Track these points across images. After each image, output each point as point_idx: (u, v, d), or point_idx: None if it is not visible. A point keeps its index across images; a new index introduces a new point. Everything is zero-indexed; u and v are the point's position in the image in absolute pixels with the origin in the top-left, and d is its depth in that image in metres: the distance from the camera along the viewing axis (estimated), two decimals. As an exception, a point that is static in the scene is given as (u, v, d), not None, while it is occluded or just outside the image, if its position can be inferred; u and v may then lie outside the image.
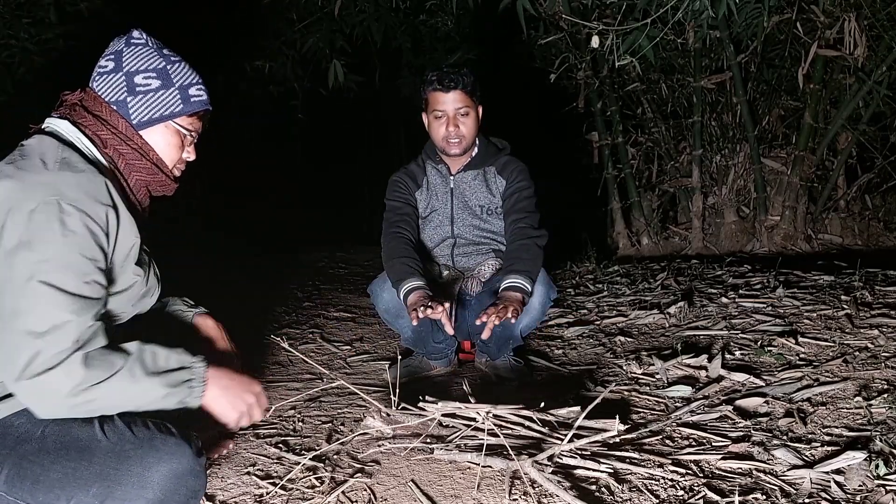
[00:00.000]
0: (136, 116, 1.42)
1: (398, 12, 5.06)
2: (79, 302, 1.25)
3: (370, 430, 1.83)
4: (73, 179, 1.30)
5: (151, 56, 1.43)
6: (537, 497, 1.47)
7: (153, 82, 1.42)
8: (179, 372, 1.34)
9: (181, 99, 1.45)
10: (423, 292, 2.09)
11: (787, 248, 4.28)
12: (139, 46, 1.43)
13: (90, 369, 1.23)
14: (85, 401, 1.23)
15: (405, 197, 2.40)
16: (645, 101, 4.71)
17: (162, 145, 1.46)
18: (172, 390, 1.31)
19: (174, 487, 1.24)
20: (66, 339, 1.22)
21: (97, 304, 1.30)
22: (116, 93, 1.41)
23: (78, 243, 1.26)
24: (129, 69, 1.41)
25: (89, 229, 1.28)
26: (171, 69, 1.44)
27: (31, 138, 1.38)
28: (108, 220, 1.33)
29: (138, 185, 1.46)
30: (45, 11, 4.41)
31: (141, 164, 1.44)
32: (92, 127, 1.40)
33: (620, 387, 2.15)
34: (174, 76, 1.44)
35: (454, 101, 2.26)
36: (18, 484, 1.24)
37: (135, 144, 1.43)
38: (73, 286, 1.25)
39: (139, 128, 1.43)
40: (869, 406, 1.79)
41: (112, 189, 1.35)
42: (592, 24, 3.30)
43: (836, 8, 3.79)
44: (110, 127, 1.41)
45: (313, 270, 4.32)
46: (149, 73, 1.42)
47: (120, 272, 1.40)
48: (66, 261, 1.25)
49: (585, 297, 3.27)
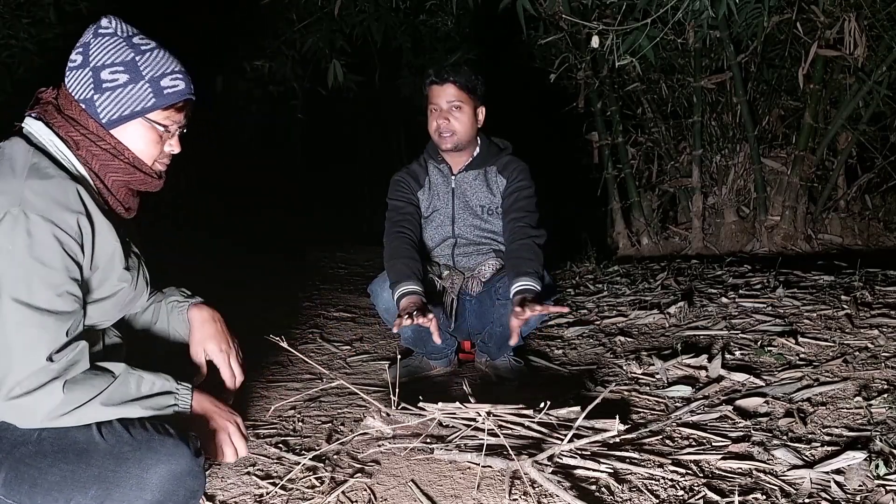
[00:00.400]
0: (104, 115, 1.35)
1: (398, 12, 5.06)
2: (51, 317, 1.22)
3: (370, 430, 1.83)
4: (41, 187, 1.24)
5: (119, 47, 1.34)
6: (537, 497, 1.47)
7: (120, 77, 1.33)
8: (164, 397, 1.35)
9: (152, 92, 1.35)
10: (416, 297, 2.08)
11: (787, 248, 4.28)
12: (106, 37, 1.35)
13: (70, 393, 1.22)
14: (64, 420, 1.23)
15: (407, 196, 2.40)
16: (645, 101, 4.70)
17: (137, 143, 1.38)
18: (156, 412, 1.32)
19: (173, 488, 1.24)
20: (38, 357, 1.20)
21: (71, 317, 1.27)
22: (84, 90, 1.34)
23: (46, 255, 1.22)
24: (96, 63, 1.33)
25: (58, 239, 1.24)
26: (140, 60, 1.34)
27: (7, 140, 1.33)
28: (81, 228, 1.28)
29: (116, 185, 1.39)
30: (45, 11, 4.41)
31: (116, 164, 1.37)
32: (64, 128, 1.34)
33: (620, 387, 2.15)
34: (144, 68, 1.34)
35: (447, 94, 2.26)
36: (16, 487, 1.23)
37: (107, 144, 1.36)
38: (44, 300, 1.22)
39: (109, 126, 1.36)
40: (869, 406, 1.79)
41: (84, 195, 1.30)
42: (592, 24, 3.31)
43: (836, 8, 3.79)
44: (80, 127, 1.34)
45: (313, 270, 4.31)
46: (115, 68, 1.33)
47: (102, 279, 1.37)
48: (35, 274, 1.21)
49: (585, 297, 3.27)
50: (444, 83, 2.26)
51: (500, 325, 2.26)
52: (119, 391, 1.28)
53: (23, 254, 1.21)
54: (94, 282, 1.36)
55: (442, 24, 5.24)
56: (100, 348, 1.46)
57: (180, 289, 1.69)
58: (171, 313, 1.63)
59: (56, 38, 4.46)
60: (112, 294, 1.40)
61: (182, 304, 1.63)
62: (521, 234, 2.25)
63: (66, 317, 1.26)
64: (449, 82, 2.26)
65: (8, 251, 1.20)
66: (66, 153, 1.34)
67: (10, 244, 1.20)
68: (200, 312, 1.63)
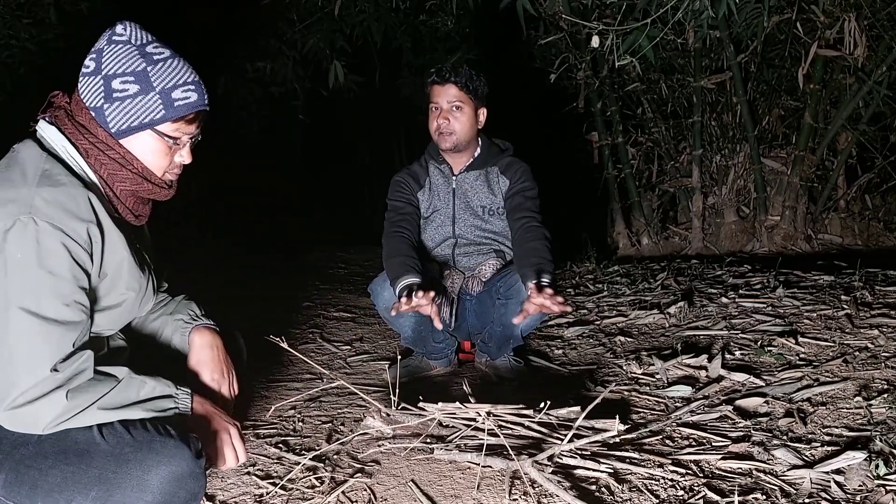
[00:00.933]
0: (113, 125, 1.33)
1: (398, 12, 5.06)
2: (58, 328, 1.22)
3: (370, 430, 1.83)
4: (51, 195, 1.23)
5: (131, 56, 1.32)
6: (537, 497, 1.47)
7: (131, 87, 1.31)
8: (164, 400, 1.36)
9: (163, 105, 1.33)
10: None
11: (787, 248, 4.28)
12: (119, 45, 1.33)
13: (73, 401, 1.23)
14: (66, 425, 1.24)
15: (407, 197, 2.40)
16: (645, 101, 4.71)
17: (146, 154, 1.36)
18: (156, 414, 1.33)
19: (173, 490, 1.23)
20: (42, 367, 1.20)
21: (78, 327, 1.26)
22: (95, 98, 1.32)
23: (55, 264, 1.22)
24: (108, 72, 1.31)
25: (67, 248, 1.23)
26: (151, 71, 1.32)
27: (21, 143, 1.33)
28: (91, 237, 1.27)
29: (125, 194, 1.38)
30: (45, 11, 4.42)
31: (124, 174, 1.36)
32: (74, 135, 1.33)
33: (620, 387, 2.15)
34: (155, 79, 1.32)
35: (448, 94, 2.27)
36: (17, 489, 1.23)
37: (115, 154, 1.34)
38: (52, 310, 1.22)
39: (118, 136, 1.34)
40: (869, 406, 1.79)
41: (95, 202, 1.29)
42: (592, 24, 3.31)
43: (836, 8, 3.79)
44: (90, 136, 1.33)
45: (313, 270, 4.32)
46: (126, 77, 1.31)
47: (109, 288, 1.36)
48: (43, 284, 1.21)
49: (585, 297, 3.27)
50: (445, 83, 2.26)
51: (500, 325, 2.26)
52: (121, 396, 1.29)
53: (31, 263, 1.20)
54: (102, 290, 1.36)
55: (442, 24, 5.25)
56: (104, 352, 1.46)
57: (191, 305, 1.66)
58: (174, 332, 1.62)
59: (56, 39, 4.47)
60: (119, 303, 1.40)
61: (186, 325, 1.62)
62: (536, 233, 2.22)
63: (73, 327, 1.25)
64: (450, 82, 2.26)
65: (17, 260, 1.20)
66: (78, 160, 1.33)
67: (20, 252, 1.20)
68: (201, 337, 1.61)
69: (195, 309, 1.66)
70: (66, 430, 1.25)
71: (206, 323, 1.64)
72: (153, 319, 1.64)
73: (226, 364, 1.63)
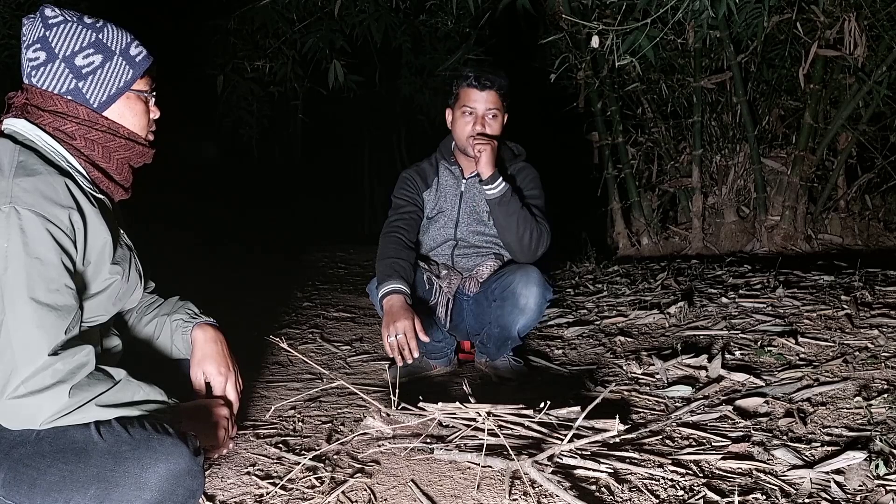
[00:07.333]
0: (94, 99, 1.36)
1: (398, 12, 5.06)
2: (51, 313, 1.22)
3: (370, 430, 1.83)
4: (29, 183, 1.24)
5: (79, 31, 1.35)
6: (537, 497, 1.47)
7: (95, 59, 1.35)
8: (158, 406, 1.36)
9: (128, 64, 1.38)
10: (399, 297, 2.09)
11: (787, 248, 4.28)
12: (61, 25, 1.35)
13: (75, 397, 1.23)
14: (63, 421, 1.23)
15: (411, 196, 2.39)
16: (645, 101, 4.71)
17: (129, 117, 1.41)
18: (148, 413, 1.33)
19: (172, 488, 1.23)
20: (40, 353, 1.20)
21: (70, 311, 1.26)
22: (65, 82, 1.34)
23: (41, 250, 1.22)
24: (65, 53, 1.34)
25: (52, 234, 1.24)
26: (103, 38, 1.36)
27: None
28: (73, 224, 1.28)
29: (120, 164, 1.42)
30: (45, 12, 4.40)
31: (116, 143, 1.40)
32: (53, 124, 1.34)
33: (620, 387, 2.15)
34: (111, 44, 1.36)
35: (486, 101, 2.25)
36: (15, 488, 1.22)
37: (103, 127, 1.37)
38: (44, 296, 1.22)
39: (101, 109, 1.38)
40: (869, 406, 1.79)
41: (74, 189, 1.30)
42: (592, 24, 3.31)
43: (836, 8, 3.80)
44: (71, 118, 1.35)
45: (313, 270, 4.32)
46: (87, 51, 1.34)
47: (95, 273, 1.36)
48: (32, 270, 1.21)
49: (585, 297, 3.27)
50: (485, 90, 2.24)
51: (497, 326, 2.26)
52: (118, 396, 1.29)
53: (19, 251, 1.21)
54: (87, 276, 1.36)
55: (442, 24, 5.24)
56: (98, 351, 1.46)
57: (187, 305, 1.67)
58: (174, 332, 1.62)
59: (56, 39, 4.45)
60: (104, 288, 1.40)
61: (187, 324, 1.62)
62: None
63: (65, 311, 1.26)
64: (492, 90, 2.24)
65: (3, 249, 1.20)
66: (55, 146, 1.34)
67: (6, 241, 1.21)
68: (204, 333, 1.61)
69: (193, 308, 1.67)
70: (63, 428, 1.25)
71: (206, 320, 1.65)
72: (147, 322, 1.64)
73: (230, 358, 1.63)
